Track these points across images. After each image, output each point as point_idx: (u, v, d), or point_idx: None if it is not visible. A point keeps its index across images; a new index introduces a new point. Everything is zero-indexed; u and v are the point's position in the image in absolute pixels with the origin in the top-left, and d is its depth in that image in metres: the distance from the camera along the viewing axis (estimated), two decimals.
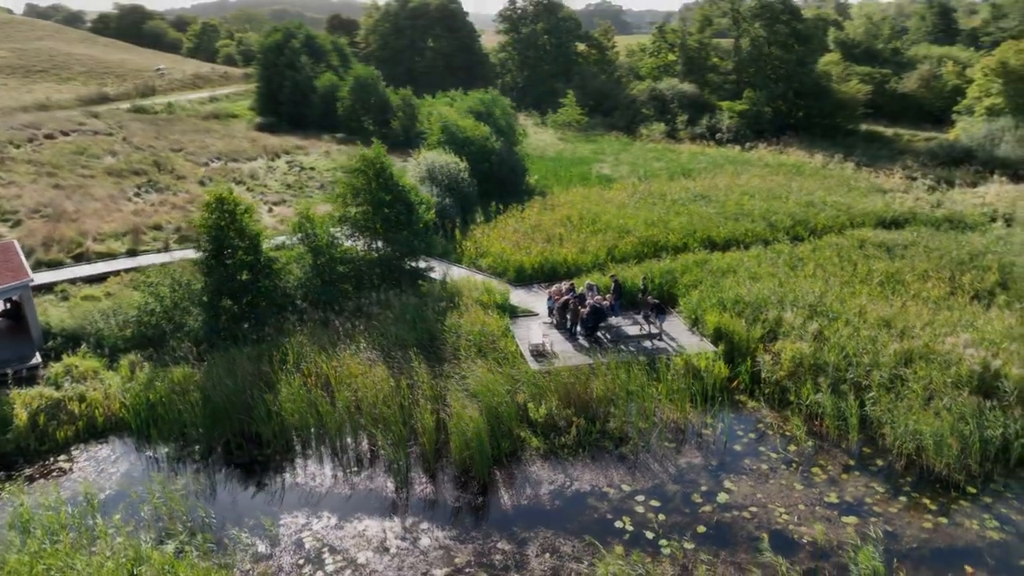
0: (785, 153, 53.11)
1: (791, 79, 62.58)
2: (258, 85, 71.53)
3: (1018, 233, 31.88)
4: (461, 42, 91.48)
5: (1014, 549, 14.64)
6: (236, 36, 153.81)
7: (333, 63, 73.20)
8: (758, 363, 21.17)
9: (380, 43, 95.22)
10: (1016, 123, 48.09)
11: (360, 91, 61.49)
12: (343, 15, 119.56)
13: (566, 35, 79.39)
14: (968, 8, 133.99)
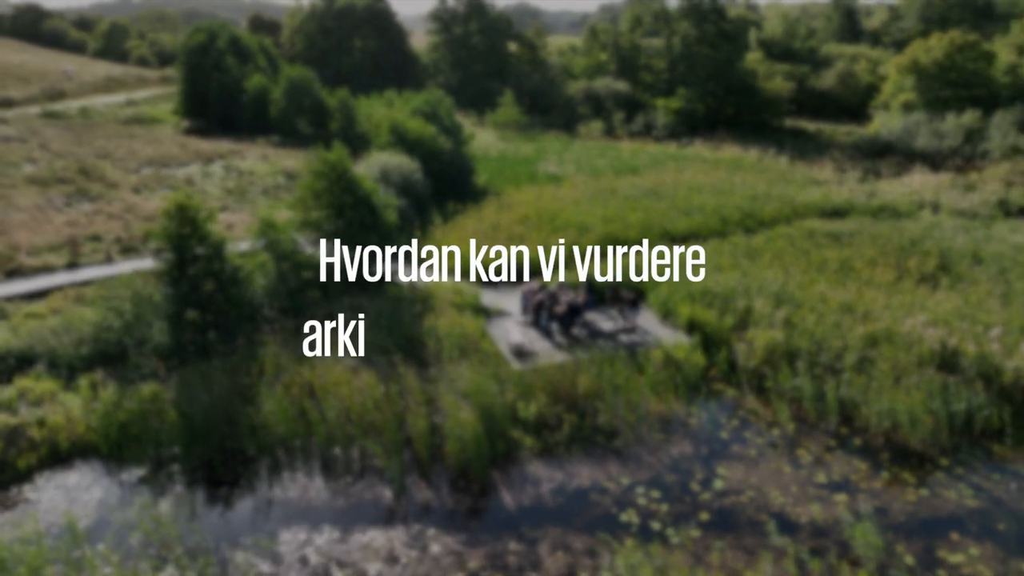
0: (720, 149, 54.91)
1: (720, 77, 64.82)
2: (182, 88, 68.51)
3: (947, 220, 34.00)
4: (390, 42, 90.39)
5: (992, 515, 15.59)
6: (147, 37, 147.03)
7: (260, 64, 70.94)
8: (733, 352, 21.80)
9: (306, 44, 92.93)
10: (929, 117, 51.28)
11: (294, 93, 59.85)
12: (264, 15, 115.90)
13: (498, 35, 79.57)
14: (865, 10, 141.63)
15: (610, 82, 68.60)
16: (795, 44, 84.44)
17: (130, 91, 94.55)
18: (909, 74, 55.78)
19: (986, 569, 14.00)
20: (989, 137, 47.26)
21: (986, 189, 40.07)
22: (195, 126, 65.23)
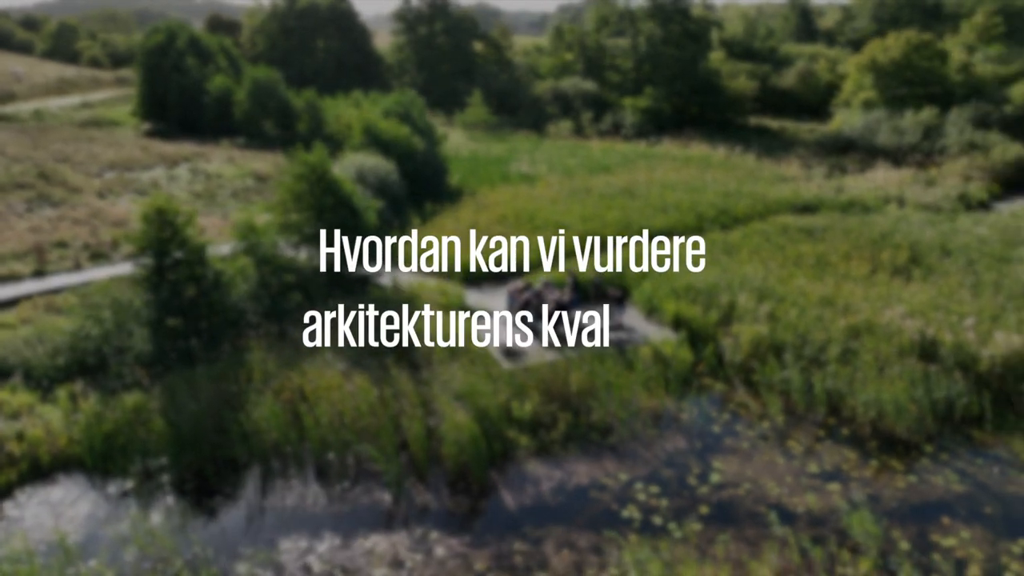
0: (689, 147, 55.65)
1: (686, 77, 65.70)
2: (140, 89, 66.94)
3: (913, 214, 35.00)
4: (353, 43, 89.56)
5: (978, 499, 16.08)
6: (99, 37, 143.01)
7: (221, 65, 69.57)
8: (720, 347, 22.09)
9: (267, 44, 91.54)
10: (889, 114, 52.74)
11: (259, 94, 58.92)
12: (222, 15, 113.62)
13: (463, 35, 79.38)
14: (818, 10, 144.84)
15: (577, 82, 68.99)
16: (755, 44, 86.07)
17: (84, 93, 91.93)
18: (868, 73, 57.30)
19: (978, 551, 14.43)
20: (946, 133, 48.82)
21: (946, 183, 41.39)
22: (156, 128, 63.72)
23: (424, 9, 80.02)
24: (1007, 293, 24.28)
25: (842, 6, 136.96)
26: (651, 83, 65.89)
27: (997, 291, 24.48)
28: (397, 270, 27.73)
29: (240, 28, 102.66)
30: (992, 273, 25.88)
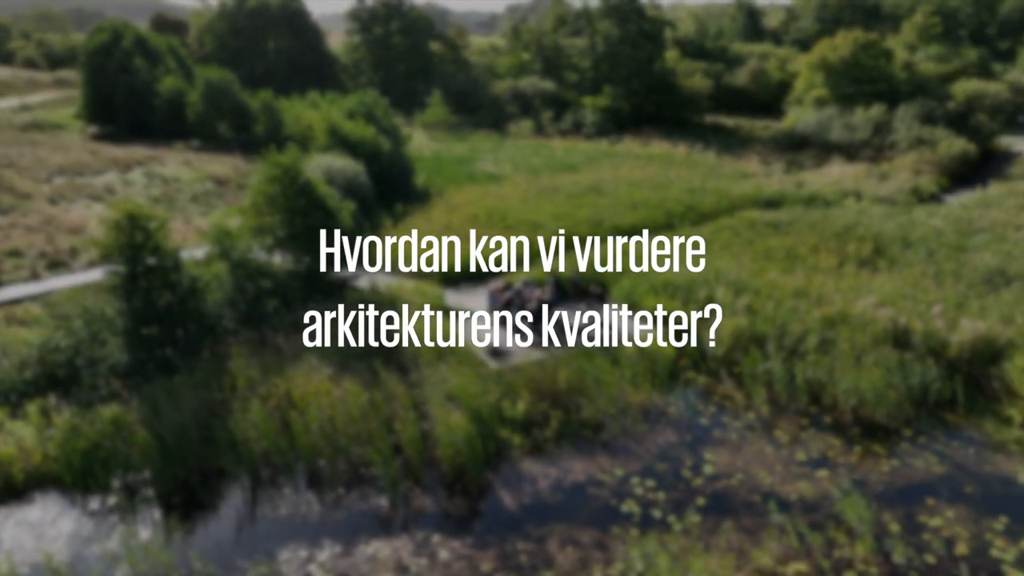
0: (650, 145, 56.39)
1: (642, 76, 66.57)
2: (85, 91, 64.61)
3: (871, 207, 36.16)
4: (306, 43, 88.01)
5: (959, 479, 16.69)
6: (33, 37, 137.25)
7: (170, 66, 67.58)
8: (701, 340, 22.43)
9: (216, 44, 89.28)
10: (840, 111, 54.39)
11: (212, 95, 57.42)
12: (167, 15, 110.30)
13: (419, 35, 78.83)
14: (762, 11, 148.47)
15: (536, 81, 69.25)
16: (707, 43, 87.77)
17: (21, 95, 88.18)
18: (819, 71, 59.01)
19: (963, 530, 14.98)
20: (895, 129, 50.62)
21: (899, 177, 42.89)
22: (104, 132, 61.56)
23: (379, 9, 79.17)
24: (967, 281, 25.30)
25: (786, 7, 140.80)
26: (609, 82, 66.59)
27: (958, 280, 25.48)
28: (372, 272, 27.33)
29: (187, 28, 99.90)
30: (951, 263, 26.92)
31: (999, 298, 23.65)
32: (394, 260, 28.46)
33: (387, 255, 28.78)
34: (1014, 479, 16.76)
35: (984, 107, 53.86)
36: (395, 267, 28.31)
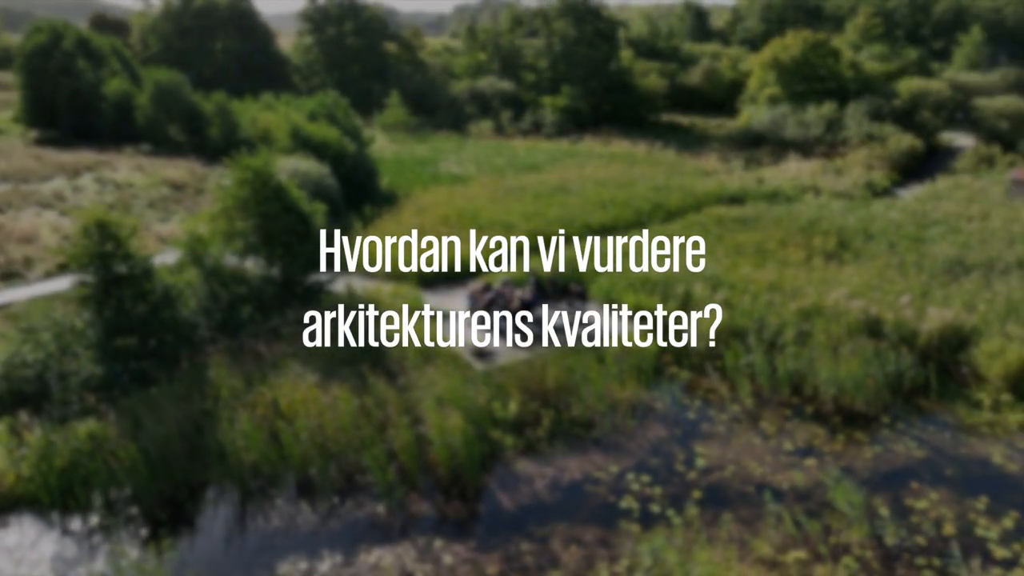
0: (610, 144, 56.91)
1: (599, 75, 67.17)
2: (23, 94, 62.00)
3: (830, 201, 37.23)
4: (256, 43, 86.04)
5: (938, 462, 17.29)
6: None
7: (115, 68, 65.30)
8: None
9: (161, 45, 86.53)
10: (793, 109, 55.86)
11: (162, 98, 55.69)
12: (107, 15, 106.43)
13: (374, 35, 77.93)
14: (707, 11, 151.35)
15: (494, 81, 69.21)
16: (659, 43, 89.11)
17: None
18: (771, 70, 60.49)
19: (948, 511, 15.52)
20: (846, 126, 52.23)
21: (853, 172, 44.29)
22: (46, 136, 59.09)
23: (332, 9, 77.93)
24: (929, 272, 26.26)
25: (732, 8, 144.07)
26: (567, 82, 67.00)
27: (920, 270, 26.42)
28: (346, 275, 26.88)
29: (128, 29, 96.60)
30: (912, 254, 27.90)
31: (960, 287, 24.61)
32: (369, 262, 28.05)
33: (360, 258, 28.33)
34: (989, 460, 17.45)
35: (927, 104, 56.08)
36: (369, 270, 27.89)
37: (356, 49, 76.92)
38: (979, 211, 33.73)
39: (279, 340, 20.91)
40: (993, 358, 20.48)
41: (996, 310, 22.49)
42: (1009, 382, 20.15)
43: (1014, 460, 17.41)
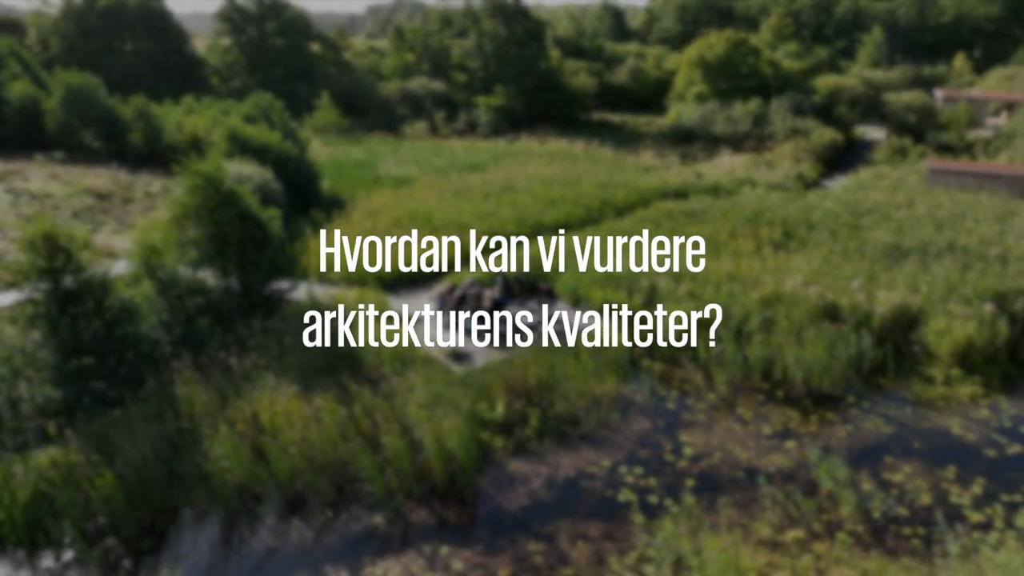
0: (546, 143, 57.35)
1: (530, 75, 67.58)
2: None
3: (768, 193, 38.70)
4: (170, 44, 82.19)
5: (906, 437, 18.27)
6: None
7: (15, 70, 61.01)
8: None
9: (63, 47, 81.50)
10: (721, 105, 57.84)
11: (74, 102, 52.41)
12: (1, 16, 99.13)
13: (298, 36, 75.75)
14: (624, 11, 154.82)
15: (426, 82, 68.57)
16: (584, 43, 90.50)
17: None
18: (697, 68, 62.41)
19: (923, 482, 16.41)
20: (772, 121, 54.49)
21: (783, 165, 46.23)
22: None
23: (252, 8, 75.22)
24: (870, 257, 27.69)
25: (646, 8, 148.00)
26: (499, 82, 67.11)
27: (862, 256, 27.83)
28: (305, 282, 26.04)
29: (23, 29, 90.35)
30: (853, 241, 29.35)
31: (902, 270, 26.06)
32: (327, 268, 27.26)
33: (317, 264, 27.51)
34: (949, 431, 18.56)
35: (843, 100, 59.21)
36: (327, 275, 27.12)
37: (279, 50, 74.58)
38: (905, 199, 35.85)
39: (248, 352, 20.03)
40: (941, 336, 21.81)
41: (938, 291, 23.94)
42: (957, 358, 21.51)
43: (971, 430, 18.59)
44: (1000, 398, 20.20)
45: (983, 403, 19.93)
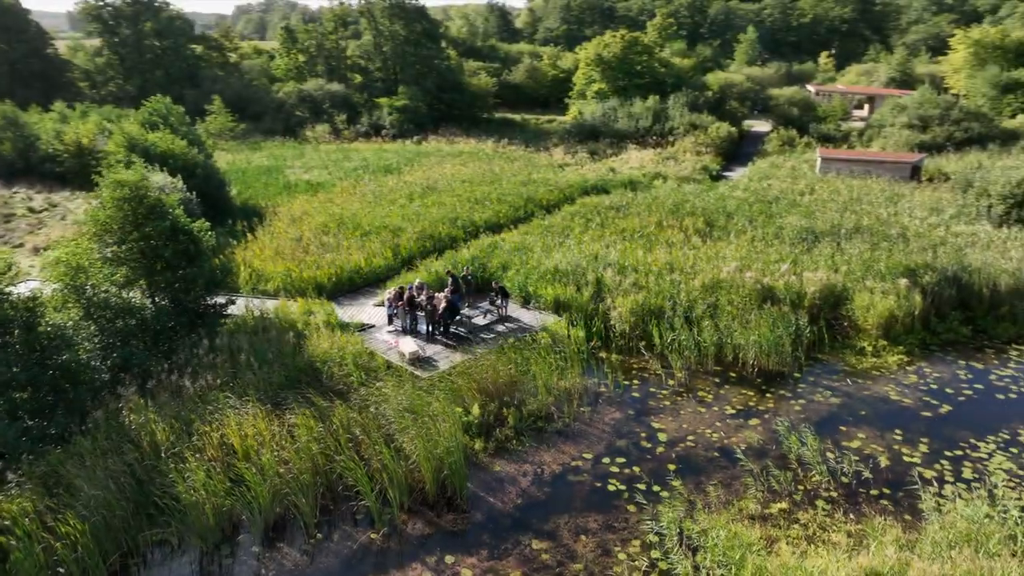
0: (455, 143, 57.12)
1: (431, 75, 67.06)
2: None
3: (680, 186, 40.38)
4: (29, 45, 75.26)
5: (852, 406, 19.61)
6: None
7: None
8: (607, 320, 23.57)
9: None
10: (622, 103, 59.72)
11: None
12: None
13: (179, 36, 71.35)
14: (509, 11, 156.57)
15: (323, 84, 66.43)
16: (477, 43, 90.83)
17: None
18: (596, 67, 64.09)
19: (877, 446, 17.71)
20: (671, 117, 56.84)
21: (687, 159, 48.38)
22: None
23: (124, 8, 69.97)
24: (788, 241, 29.51)
25: (529, 8, 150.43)
26: (401, 83, 66.10)
27: (781, 241, 29.61)
28: (239, 295, 24.65)
29: None
30: (770, 227, 31.17)
31: (820, 252, 27.94)
32: (258, 280, 25.91)
33: (248, 276, 26.11)
34: (888, 397, 20.13)
35: (733, 95, 62.68)
36: (260, 287, 25.79)
37: (159, 52, 69.98)
38: (806, 186, 38.46)
39: (199, 373, 18.72)
40: (867, 311, 23.58)
41: (855, 269, 25.86)
42: (882, 329, 23.34)
43: (906, 395, 20.25)
44: (922, 363, 22.13)
45: (909, 369, 21.77)
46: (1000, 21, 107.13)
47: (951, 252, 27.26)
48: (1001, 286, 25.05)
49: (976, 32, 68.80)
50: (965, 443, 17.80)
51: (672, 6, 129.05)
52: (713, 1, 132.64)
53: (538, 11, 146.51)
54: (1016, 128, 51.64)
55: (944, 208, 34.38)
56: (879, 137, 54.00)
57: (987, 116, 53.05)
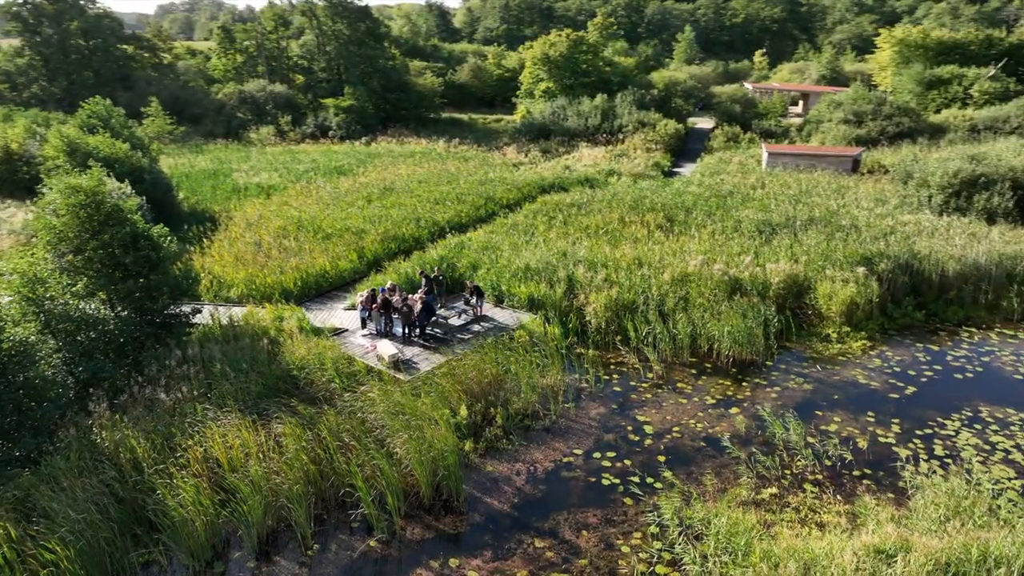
0: (405, 143, 56.50)
1: (376, 75, 66.13)
2: None
3: (636, 182, 40.96)
4: None
5: (825, 391, 20.29)
6: None
7: None
8: (582, 317, 23.70)
9: None
10: (570, 101, 60.18)
11: None
12: None
13: (109, 36, 68.26)
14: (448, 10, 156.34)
15: (264, 84, 64.66)
16: (420, 42, 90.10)
17: None
18: (543, 66, 64.42)
19: (853, 428, 18.36)
20: (619, 115, 57.62)
21: (638, 155, 49.14)
22: None
23: (47, 5, 66.47)
24: (747, 234, 30.31)
25: (467, 7, 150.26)
26: (347, 83, 64.95)
27: (740, 234, 30.39)
28: (202, 303, 23.77)
29: None
30: (728, 221, 31.94)
31: (779, 243, 28.79)
32: (221, 286, 25.03)
33: (208, 282, 25.21)
34: (857, 381, 20.90)
35: (678, 93, 64.00)
36: (223, 294, 24.92)
37: (87, 52, 66.81)
38: (756, 180, 39.57)
39: (173, 385, 17.95)
40: (830, 299, 24.42)
41: (814, 260, 26.74)
42: (845, 316, 24.21)
43: (872, 378, 21.07)
44: (884, 348, 23.07)
45: (872, 353, 22.66)
46: (918, 21, 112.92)
47: (901, 240, 28.51)
48: (949, 272, 26.33)
49: (899, 31, 72.17)
50: (933, 422, 18.64)
51: (610, 6, 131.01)
52: (650, 1, 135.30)
53: (476, 11, 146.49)
54: (942, 122, 54.40)
55: (888, 199, 35.94)
56: (817, 132, 56.06)
57: (915, 111, 55.71)
